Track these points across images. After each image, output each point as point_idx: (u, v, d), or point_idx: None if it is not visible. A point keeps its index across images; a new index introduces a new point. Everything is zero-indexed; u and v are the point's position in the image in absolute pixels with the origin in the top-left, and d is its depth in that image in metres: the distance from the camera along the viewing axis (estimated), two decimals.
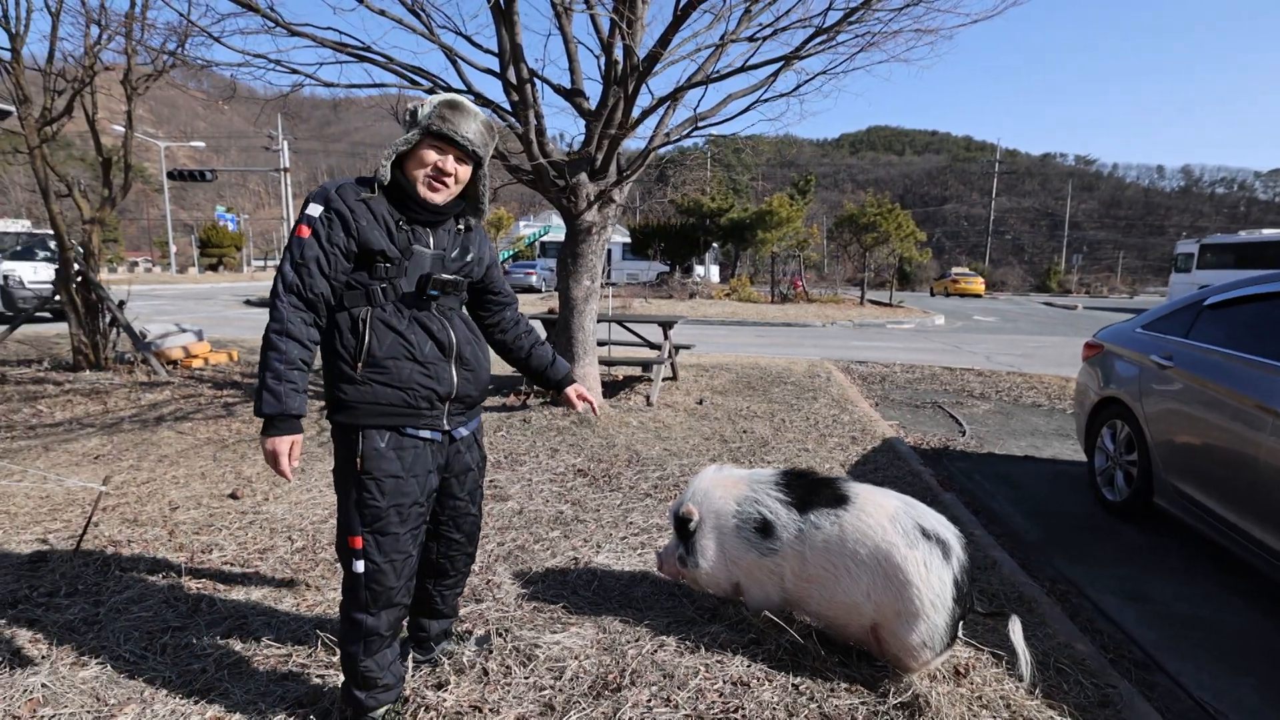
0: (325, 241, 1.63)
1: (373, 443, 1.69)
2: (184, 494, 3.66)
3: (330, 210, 1.64)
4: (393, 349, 1.68)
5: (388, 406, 1.69)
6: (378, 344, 1.67)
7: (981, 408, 6.66)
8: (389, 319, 1.69)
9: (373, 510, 1.69)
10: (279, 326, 1.60)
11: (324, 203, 1.65)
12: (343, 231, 1.65)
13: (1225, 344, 3.20)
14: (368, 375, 1.67)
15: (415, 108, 1.71)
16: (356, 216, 1.65)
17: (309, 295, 1.63)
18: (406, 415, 1.72)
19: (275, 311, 1.61)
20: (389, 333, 1.69)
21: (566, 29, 5.02)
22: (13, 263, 13.15)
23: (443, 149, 1.70)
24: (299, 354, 1.62)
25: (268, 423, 1.61)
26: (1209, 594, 2.98)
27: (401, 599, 1.78)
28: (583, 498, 3.69)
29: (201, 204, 61.55)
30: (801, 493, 2.21)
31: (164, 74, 6.36)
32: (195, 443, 4.69)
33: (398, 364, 1.69)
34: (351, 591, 1.73)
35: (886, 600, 2.00)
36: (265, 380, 1.59)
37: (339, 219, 1.65)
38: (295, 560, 2.88)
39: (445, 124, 1.67)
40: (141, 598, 2.50)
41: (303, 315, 1.63)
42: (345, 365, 1.68)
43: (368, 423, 1.68)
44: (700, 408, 6.00)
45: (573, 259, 5.17)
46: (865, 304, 21.45)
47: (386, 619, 1.76)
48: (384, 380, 1.68)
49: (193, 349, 7.84)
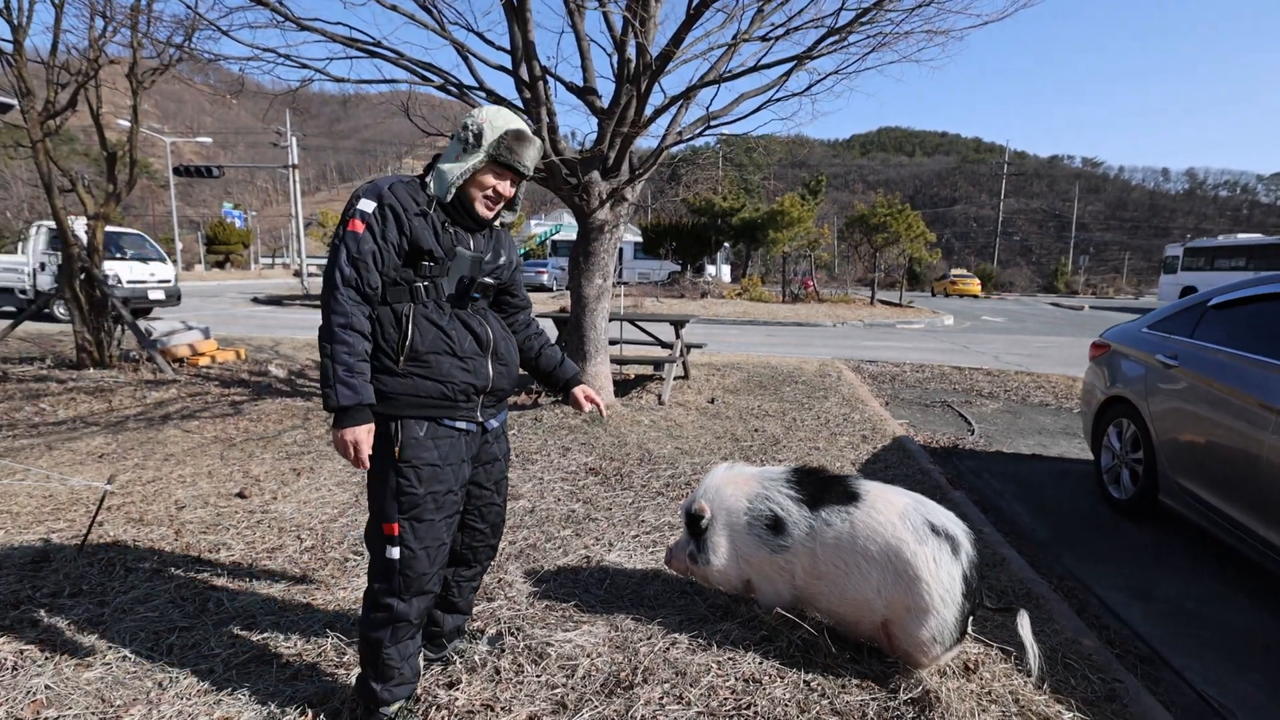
0: (380, 238, 1.67)
1: (411, 431, 1.73)
2: (190, 493, 3.62)
3: (384, 206, 1.68)
4: (434, 344, 1.74)
5: (427, 399, 1.74)
6: (420, 339, 1.72)
7: (990, 407, 6.69)
8: (431, 315, 1.75)
9: (410, 497, 1.73)
10: (343, 320, 1.62)
11: (377, 199, 1.68)
12: (396, 228, 1.69)
13: (1230, 344, 3.24)
14: (409, 368, 1.72)
15: (479, 129, 1.74)
16: (409, 215, 1.70)
17: (366, 290, 1.67)
18: (444, 407, 1.77)
19: (336, 305, 1.63)
20: (431, 328, 1.74)
21: (579, 26, 4.99)
22: (110, 262, 12.98)
23: (503, 174, 1.79)
24: (364, 346, 1.65)
25: (342, 415, 1.62)
26: (1215, 591, 2.99)
27: (432, 586, 1.82)
28: (594, 496, 3.67)
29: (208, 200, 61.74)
30: (813, 490, 2.23)
31: (170, 68, 6.32)
32: (202, 441, 4.66)
33: (439, 358, 1.75)
34: (384, 578, 1.75)
35: (897, 596, 2.01)
36: (336, 374, 1.60)
37: (393, 216, 1.68)
38: (304, 559, 2.84)
39: (512, 155, 1.76)
40: (147, 598, 2.47)
41: (362, 309, 1.66)
42: (387, 358, 1.71)
43: (407, 414, 1.73)
44: (712, 406, 5.96)
45: (585, 257, 5.13)
46: (876, 304, 21.53)
47: (417, 606, 1.79)
48: (425, 374, 1.73)
49: (199, 347, 7.82)
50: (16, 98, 6.36)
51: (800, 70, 4.61)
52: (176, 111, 75.91)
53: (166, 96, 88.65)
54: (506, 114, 1.80)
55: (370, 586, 1.78)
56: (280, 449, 4.49)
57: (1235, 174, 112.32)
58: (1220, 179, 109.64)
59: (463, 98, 4.74)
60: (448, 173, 1.74)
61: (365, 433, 1.65)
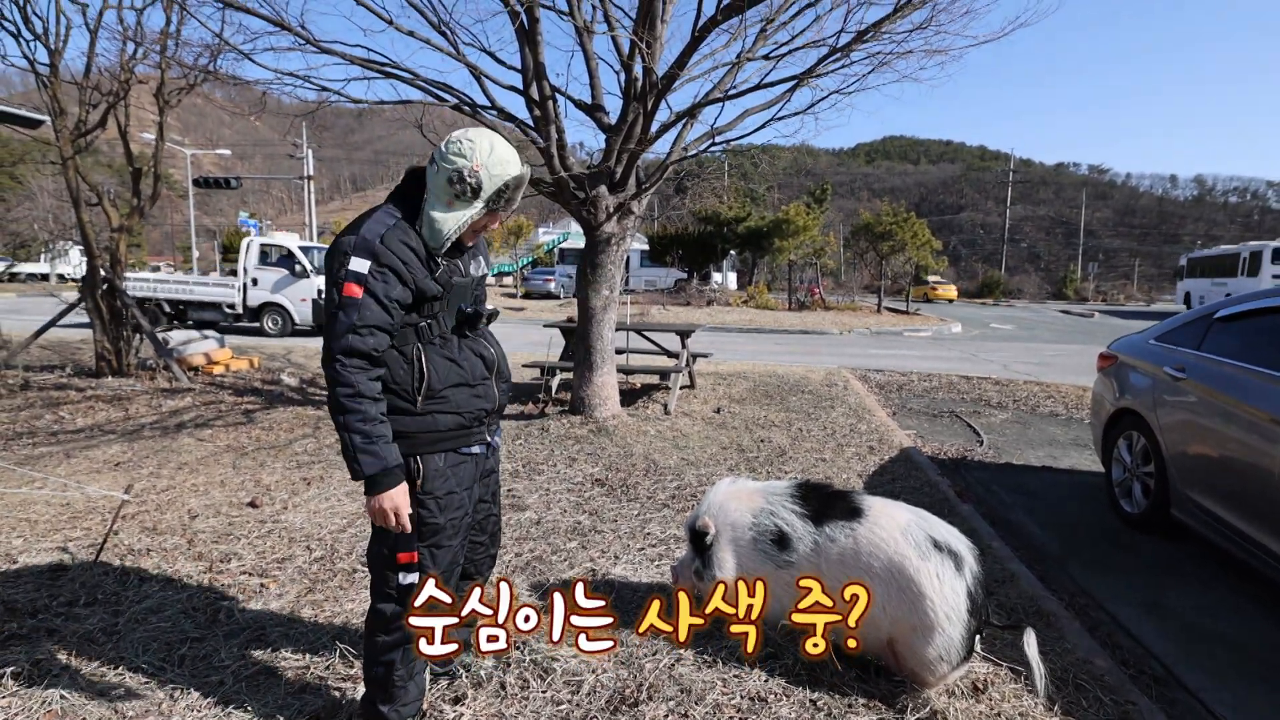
0: (384, 298, 1.58)
1: (432, 464, 1.72)
2: (203, 502, 3.68)
3: (380, 265, 1.57)
4: (449, 377, 1.73)
5: (446, 432, 1.73)
6: (437, 377, 1.70)
7: (999, 417, 6.61)
8: (443, 350, 1.73)
9: (431, 526, 1.74)
10: (350, 391, 1.55)
11: (371, 257, 1.56)
12: (399, 284, 1.60)
13: (1237, 356, 3.21)
14: (427, 407, 1.69)
15: (478, 181, 1.62)
16: (410, 267, 1.61)
17: (374, 355, 1.60)
18: (461, 437, 1.77)
19: (340, 377, 1.55)
20: (446, 364, 1.73)
21: (588, 47, 5.06)
22: None
23: (496, 215, 1.73)
24: (377, 409, 1.59)
25: (371, 482, 1.58)
26: (1229, 608, 2.94)
27: None
28: (600, 508, 3.67)
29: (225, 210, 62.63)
30: (816, 505, 2.22)
31: (195, 87, 6.49)
32: (215, 450, 4.72)
33: (455, 391, 1.74)
34: (399, 602, 1.74)
35: (901, 614, 1.99)
36: (355, 444, 1.55)
37: (393, 273, 1.59)
38: (313, 570, 2.87)
39: (511, 205, 1.72)
40: (160, 608, 2.51)
41: (369, 374, 1.59)
42: (402, 399, 1.67)
43: (427, 450, 1.71)
44: (718, 416, 5.96)
45: (592, 269, 5.17)
46: (882, 311, 21.44)
47: None
48: (442, 409, 1.71)
49: (214, 355, 7.94)
50: (50, 117, 6.57)
51: (803, 88, 4.66)
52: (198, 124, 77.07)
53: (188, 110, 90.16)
54: (502, 152, 1.65)
55: (378, 610, 1.75)
56: (291, 458, 4.55)
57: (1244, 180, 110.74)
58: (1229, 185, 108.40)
59: (475, 116, 4.82)
60: (442, 225, 1.63)
61: (401, 494, 1.61)
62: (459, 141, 1.64)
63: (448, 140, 1.66)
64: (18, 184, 26.85)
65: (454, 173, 1.62)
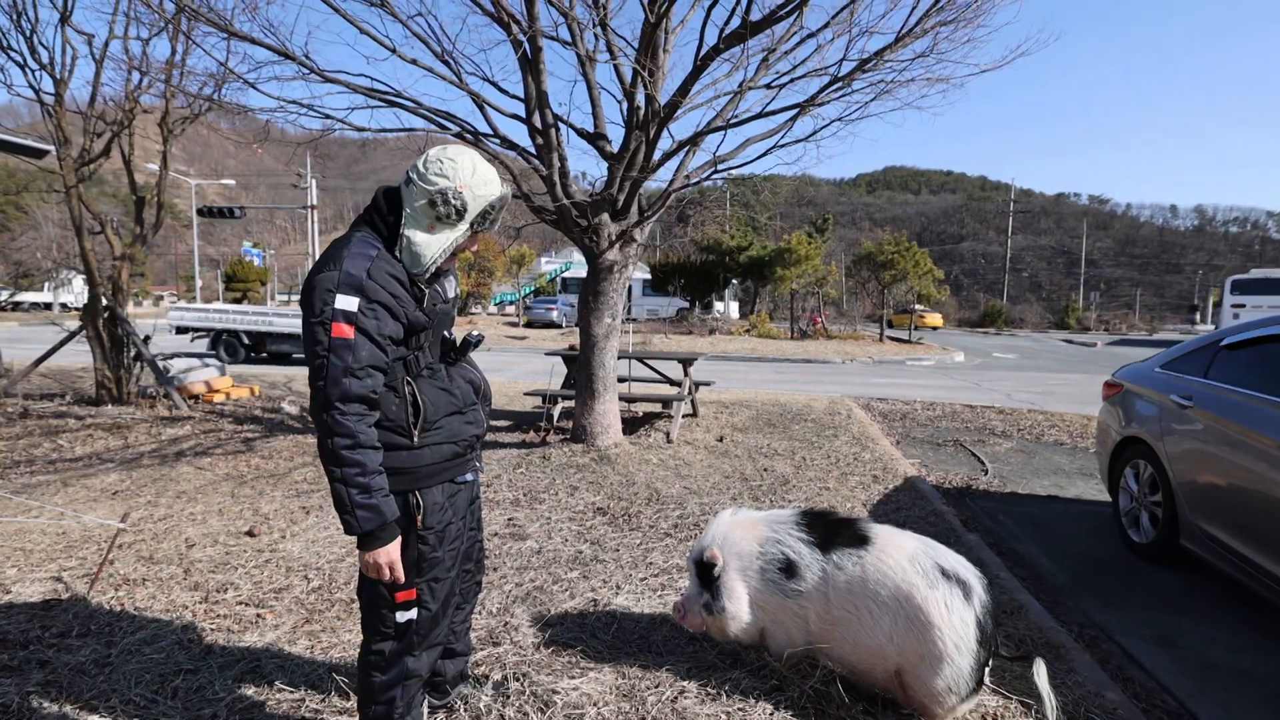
0: (377, 335, 1.50)
1: (433, 498, 1.69)
2: (201, 531, 3.63)
3: (371, 302, 1.49)
4: (444, 407, 1.69)
5: (444, 463, 1.70)
6: (432, 408, 1.65)
7: (1003, 446, 6.59)
8: (435, 381, 1.70)
9: (431, 560, 1.71)
10: (348, 441, 1.46)
11: (359, 293, 1.47)
12: (391, 319, 1.53)
13: (1246, 384, 3.20)
14: (425, 439, 1.64)
15: (463, 203, 1.56)
16: (400, 301, 1.55)
17: (372, 399, 1.51)
18: (457, 466, 1.74)
19: (337, 426, 1.45)
20: (440, 394, 1.69)
21: (590, 76, 5.18)
22: None
23: (476, 236, 1.69)
24: (376, 459, 1.51)
25: (369, 538, 1.52)
26: (1243, 642, 2.89)
27: (444, 638, 1.82)
28: (602, 537, 3.63)
29: (228, 239, 63.29)
30: (822, 533, 2.21)
31: (200, 117, 6.62)
32: (214, 479, 4.69)
33: (449, 420, 1.71)
34: (396, 638, 1.71)
35: (909, 643, 1.96)
36: (353, 499, 1.47)
37: (384, 308, 1.51)
38: (311, 600, 2.82)
39: (493, 226, 1.68)
40: (154, 638, 2.46)
41: (366, 419, 1.50)
42: (399, 436, 1.61)
43: (426, 484, 1.68)
44: (720, 445, 5.93)
45: (594, 296, 5.20)
46: (885, 340, 21.49)
47: (427, 659, 1.78)
48: (439, 439, 1.67)
49: (215, 384, 7.94)
50: (55, 146, 6.66)
51: (804, 116, 4.74)
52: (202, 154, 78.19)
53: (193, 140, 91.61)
54: (484, 172, 1.60)
55: (375, 650, 1.69)
56: (290, 487, 4.51)
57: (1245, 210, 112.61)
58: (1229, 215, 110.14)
59: (479, 144, 4.91)
60: (424, 250, 1.56)
61: (396, 549, 1.56)
62: (439, 161, 1.56)
63: (425, 159, 1.58)
64: (22, 213, 27.22)
65: (437, 194, 1.55)
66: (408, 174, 1.63)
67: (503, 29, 4.56)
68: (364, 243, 1.57)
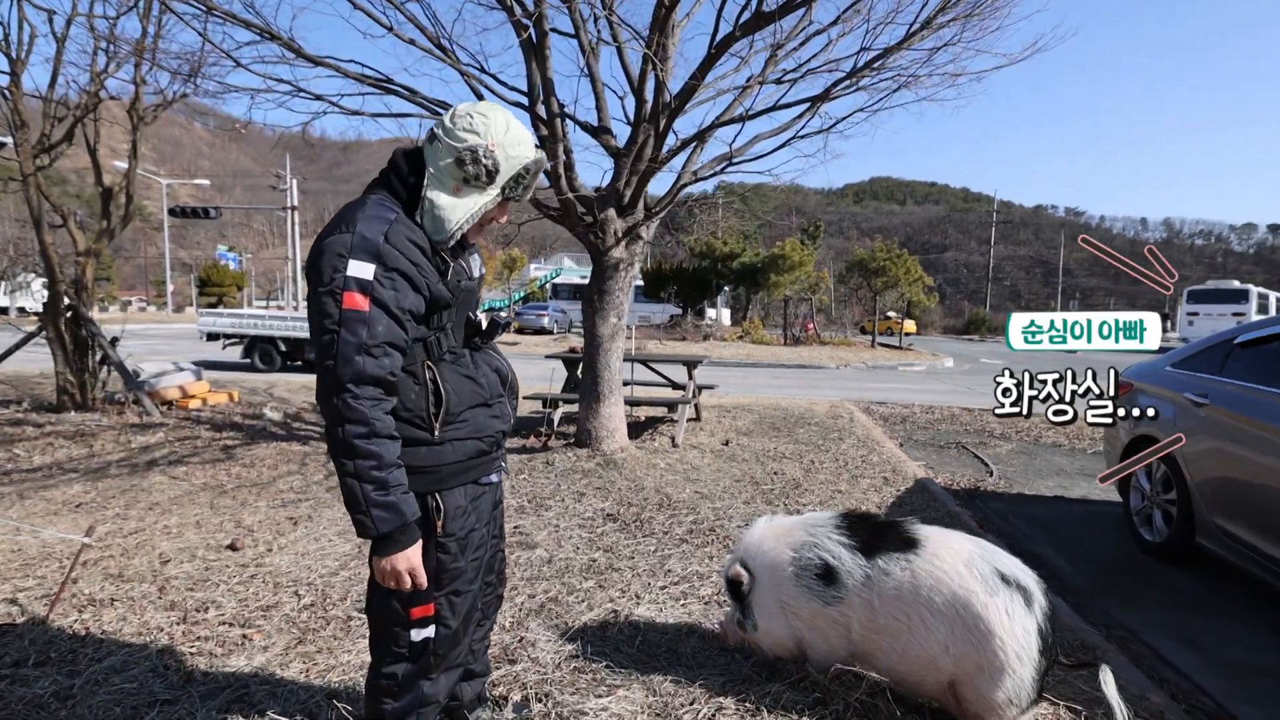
0: (395, 308, 1.31)
1: (454, 501, 1.48)
2: (176, 545, 3.33)
3: (389, 269, 1.30)
4: (468, 397, 1.49)
5: (469, 461, 1.49)
6: (456, 398, 1.45)
7: (1004, 448, 6.63)
8: (458, 367, 1.49)
9: (453, 571, 1.49)
10: (364, 430, 1.27)
11: (375, 259, 1.29)
12: (412, 291, 1.34)
13: (1263, 381, 3.19)
14: (445, 434, 1.45)
15: (494, 161, 1.39)
16: (423, 270, 1.36)
17: (388, 378, 1.32)
18: (482, 464, 1.53)
19: (351, 412, 1.27)
20: (465, 382, 1.49)
21: (594, 68, 5.00)
22: None
23: (506, 205, 1.51)
24: (394, 451, 1.32)
25: (387, 541, 1.33)
26: (1265, 640, 2.87)
27: (464, 659, 1.60)
28: (615, 544, 3.43)
29: (202, 243, 61.72)
30: (865, 536, 2.08)
31: (175, 103, 6.22)
32: (190, 489, 4.36)
33: (475, 413, 1.50)
34: (411, 659, 1.49)
35: (966, 653, 1.85)
36: (367, 495, 1.29)
37: (404, 278, 1.32)
38: (303, 618, 2.56)
39: (528, 192, 1.49)
40: (125, 666, 2.20)
41: (383, 405, 1.32)
42: (417, 429, 1.41)
43: (448, 485, 1.46)
44: (727, 449, 5.76)
45: (599, 295, 5.00)
46: (876, 347, 21.70)
47: (445, 683, 1.56)
48: (464, 434, 1.48)
49: (190, 388, 7.54)
50: (10, 131, 6.18)
51: (817, 112, 4.63)
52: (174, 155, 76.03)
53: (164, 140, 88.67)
54: (518, 131, 1.43)
55: (386, 673, 1.49)
56: (275, 496, 4.21)
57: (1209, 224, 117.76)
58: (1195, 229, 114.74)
59: None
60: (449, 214, 1.38)
61: (416, 552, 1.37)
62: (469, 116, 1.40)
63: (453, 114, 1.41)
64: None
65: (466, 151, 1.37)
66: (431, 130, 1.45)
67: (504, 10, 4.35)
68: (380, 205, 1.38)
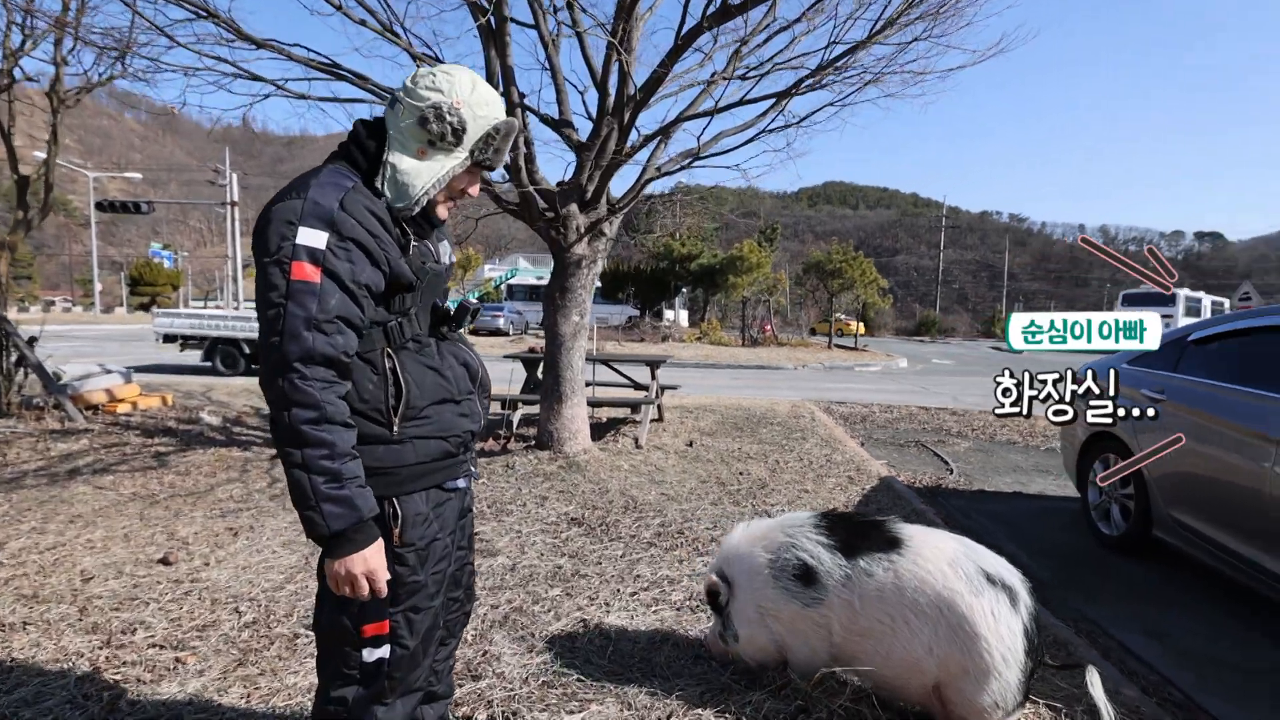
0: (350, 281, 1.19)
1: (414, 506, 1.33)
2: (101, 561, 3.06)
3: (343, 239, 1.18)
4: (434, 391, 1.34)
5: (432, 463, 1.34)
6: (418, 391, 1.32)
7: (962, 445, 6.78)
8: (421, 357, 1.35)
9: (411, 585, 1.34)
10: (314, 414, 1.14)
11: (328, 226, 1.17)
12: (369, 264, 1.22)
13: (1218, 377, 3.30)
14: (405, 431, 1.31)
15: (460, 120, 1.28)
16: (381, 243, 1.24)
17: (340, 358, 1.19)
18: (448, 467, 1.39)
19: (298, 394, 1.14)
20: (428, 374, 1.34)
21: (555, 60, 4.87)
22: None
23: (477, 174, 1.39)
24: (348, 439, 1.19)
25: (341, 540, 1.19)
26: (1221, 630, 2.95)
27: (425, 682, 1.45)
28: (581, 549, 3.32)
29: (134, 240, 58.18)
30: (845, 535, 2.04)
31: (101, 85, 5.76)
32: (118, 499, 4.03)
33: (439, 409, 1.35)
34: (364, 682, 1.34)
35: (952, 655, 1.82)
36: (317, 488, 1.15)
37: (360, 250, 1.20)
38: (244, 638, 2.36)
39: (499, 156, 1.36)
40: (38, 698, 1.97)
41: (335, 389, 1.19)
42: (374, 424, 1.28)
43: (407, 489, 1.32)
44: (691, 449, 5.71)
45: (561, 293, 4.87)
46: (833, 348, 22.19)
47: (402, 709, 1.41)
48: (425, 432, 1.33)
49: (118, 392, 7.03)
50: None
51: (781, 109, 4.63)
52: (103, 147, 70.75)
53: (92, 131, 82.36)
54: (485, 92, 1.32)
55: (333, 695, 1.34)
56: (213, 505, 3.93)
57: (1141, 230, 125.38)
58: (1129, 235, 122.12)
59: None
60: (412, 178, 1.27)
61: (377, 553, 1.22)
62: (431, 75, 1.29)
63: (415, 74, 1.31)
64: None
65: (429, 109, 1.26)
66: (393, 94, 1.34)
67: None
68: (337, 172, 1.26)
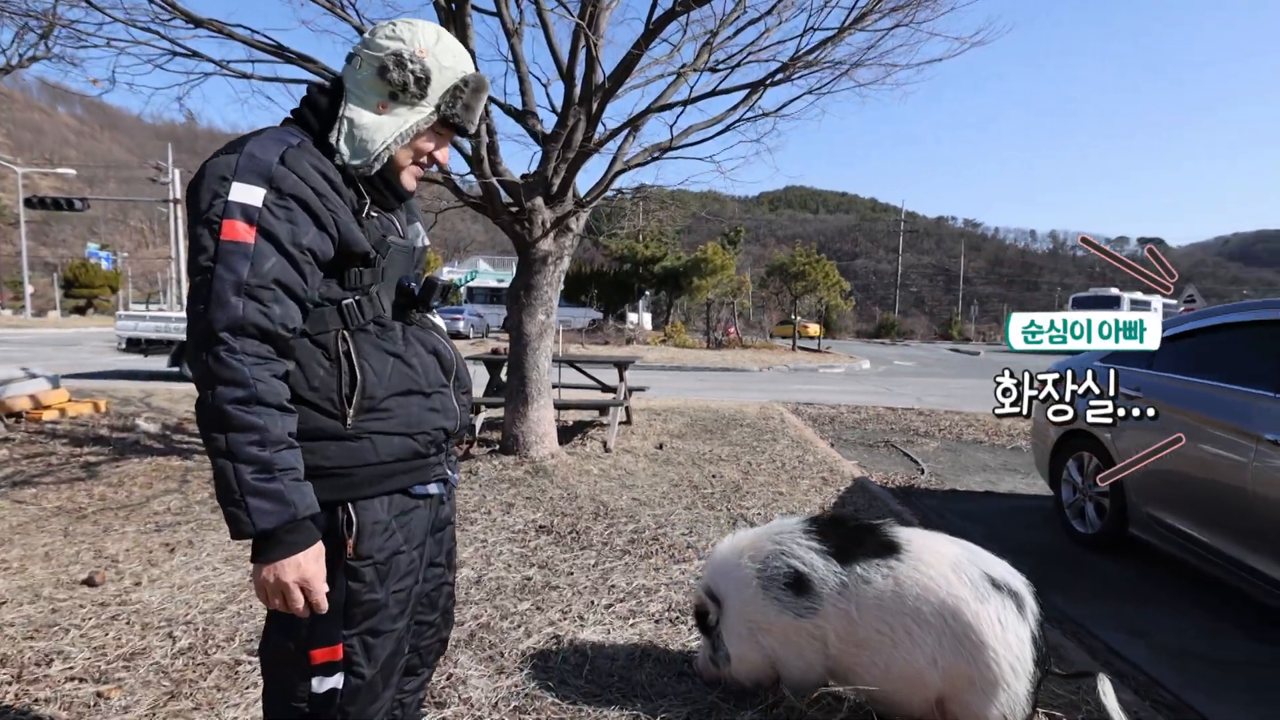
0: (290, 244, 1.04)
1: (372, 514, 1.17)
2: (16, 583, 2.76)
3: (283, 196, 1.04)
4: (394, 381, 1.18)
5: (395, 464, 1.19)
6: (376, 379, 1.16)
7: (930, 445, 6.82)
8: (382, 341, 1.19)
9: (368, 605, 1.17)
10: (241, 393, 0.99)
11: (265, 183, 1.03)
12: (314, 226, 1.08)
13: (1194, 373, 3.32)
14: (363, 425, 1.14)
15: (424, 69, 1.14)
16: (328, 201, 1.09)
17: (278, 331, 1.04)
18: (414, 470, 1.22)
19: (223, 369, 0.99)
20: (388, 359, 1.18)
21: (518, 49, 4.71)
22: None
23: (444, 135, 1.25)
24: (283, 426, 1.04)
25: (269, 541, 1.03)
26: (1199, 627, 2.96)
27: (385, 717, 1.28)
28: (551, 559, 3.16)
29: (69, 240, 55.06)
30: (839, 541, 1.93)
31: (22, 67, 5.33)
32: (39, 514, 3.69)
33: (402, 401, 1.19)
34: (314, 717, 1.17)
35: (957, 667, 1.74)
36: (243, 479, 0.99)
37: (304, 209, 1.07)
38: (177, 667, 2.13)
39: (469, 114, 1.22)
40: None
41: (271, 366, 1.04)
42: (323, 415, 1.13)
43: (363, 492, 1.15)
44: (661, 452, 5.59)
45: (526, 291, 4.69)
46: (796, 350, 22.53)
47: None
48: (387, 428, 1.18)
49: (44, 398, 6.52)
50: None
51: (756, 100, 4.58)
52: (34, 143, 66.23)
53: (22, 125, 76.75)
54: (450, 43, 1.20)
55: None
56: (148, 519, 3.63)
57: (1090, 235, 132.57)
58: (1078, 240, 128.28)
59: None
60: (372, 132, 1.14)
61: (313, 560, 1.06)
62: (391, 24, 1.17)
63: (376, 26, 1.20)
64: None
65: (389, 57, 1.13)
66: (352, 50, 1.19)
67: None
68: (282, 130, 1.13)
